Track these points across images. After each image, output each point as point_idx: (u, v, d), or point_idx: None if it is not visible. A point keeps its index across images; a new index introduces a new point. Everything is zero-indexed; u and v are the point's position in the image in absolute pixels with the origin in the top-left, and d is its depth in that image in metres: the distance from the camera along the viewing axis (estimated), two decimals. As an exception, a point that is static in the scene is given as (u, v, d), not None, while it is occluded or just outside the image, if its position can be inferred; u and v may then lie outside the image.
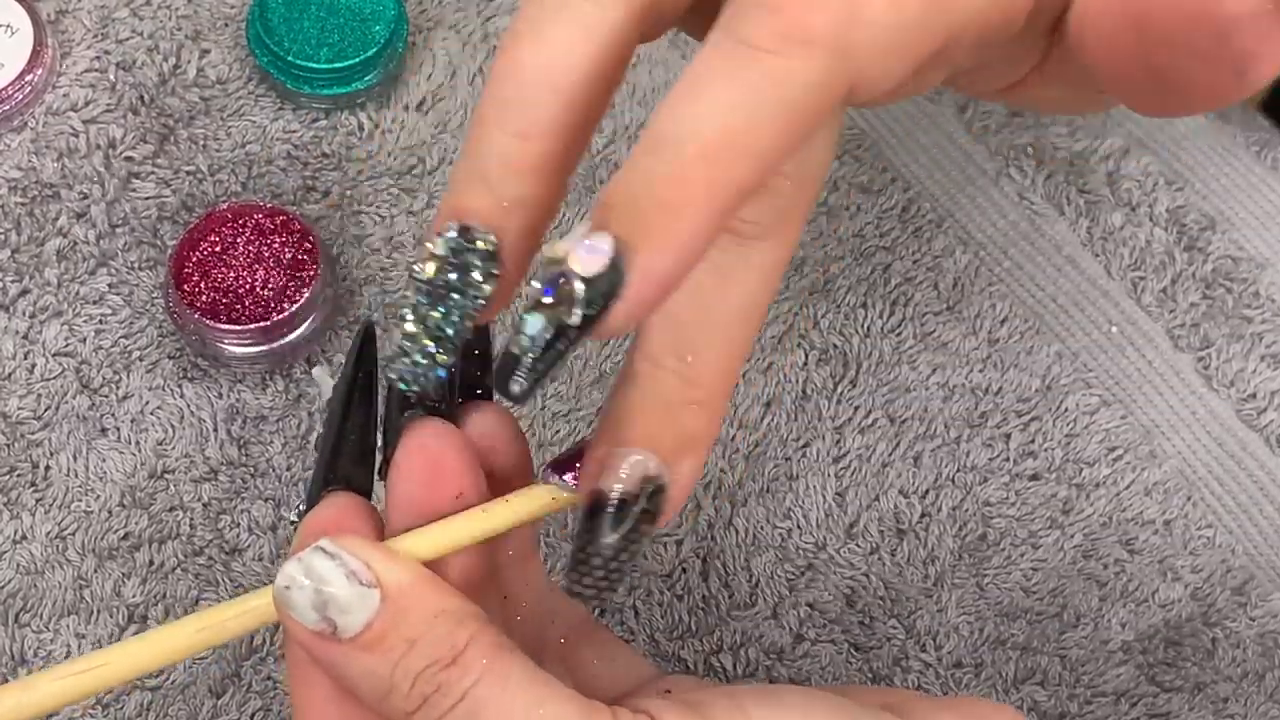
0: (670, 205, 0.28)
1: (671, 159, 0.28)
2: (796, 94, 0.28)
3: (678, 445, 0.34)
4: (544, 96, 0.31)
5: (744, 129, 0.28)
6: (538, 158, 0.31)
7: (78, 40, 0.58)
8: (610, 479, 0.33)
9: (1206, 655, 0.53)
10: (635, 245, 0.27)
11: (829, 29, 0.28)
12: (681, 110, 0.28)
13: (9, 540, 0.52)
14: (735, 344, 0.34)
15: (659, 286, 0.28)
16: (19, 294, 0.54)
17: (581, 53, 0.31)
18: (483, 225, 0.31)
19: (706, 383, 0.34)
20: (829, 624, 0.52)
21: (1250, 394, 0.55)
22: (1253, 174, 0.57)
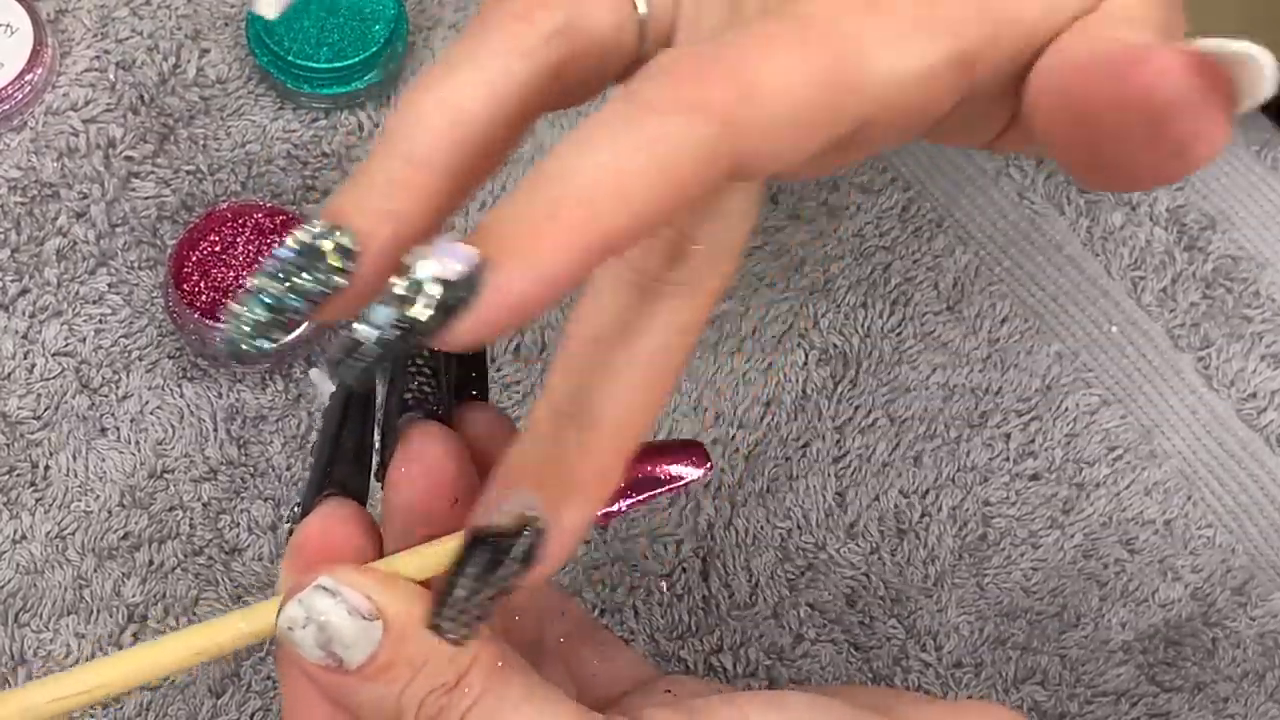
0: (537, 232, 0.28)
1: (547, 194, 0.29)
2: (676, 155, 0.29)
3: (562, 491, 0.34)
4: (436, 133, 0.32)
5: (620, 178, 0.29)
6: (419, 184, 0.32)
7: (77, 40, 0.58)
8: (489, 516, 0.33)
9: (1207, 655, 0.53)
10: (495, 262, 0.28)
11: (720, 100, 0.29)
12: (567, 153, 0.29)
13: (9, 540, 0.52)
14: (636, 399, 0.35)
15: (510, 306, 0.28)
16: (19, 293, 0.54)
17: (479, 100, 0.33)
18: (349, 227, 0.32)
19: (600, 431, 0.34)
20: (829, 624, 0.52)
21: (1250, 393, 0.55)
22: (1253, 174, 0.57)
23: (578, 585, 0.52)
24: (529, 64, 0.33)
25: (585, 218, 0.28)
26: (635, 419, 0.35)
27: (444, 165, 0.32)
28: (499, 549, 0.33)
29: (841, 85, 0.30)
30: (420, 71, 0.33)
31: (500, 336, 0.30)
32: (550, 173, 0.29)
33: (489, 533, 0.33)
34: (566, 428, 0.34)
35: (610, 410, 0.34)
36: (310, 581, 0.34)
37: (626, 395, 0.34)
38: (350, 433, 0.38)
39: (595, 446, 0.34)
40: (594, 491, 0.34)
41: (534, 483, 0.34)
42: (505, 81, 0.33)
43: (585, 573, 0.53)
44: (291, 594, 0.34)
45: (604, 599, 0.52)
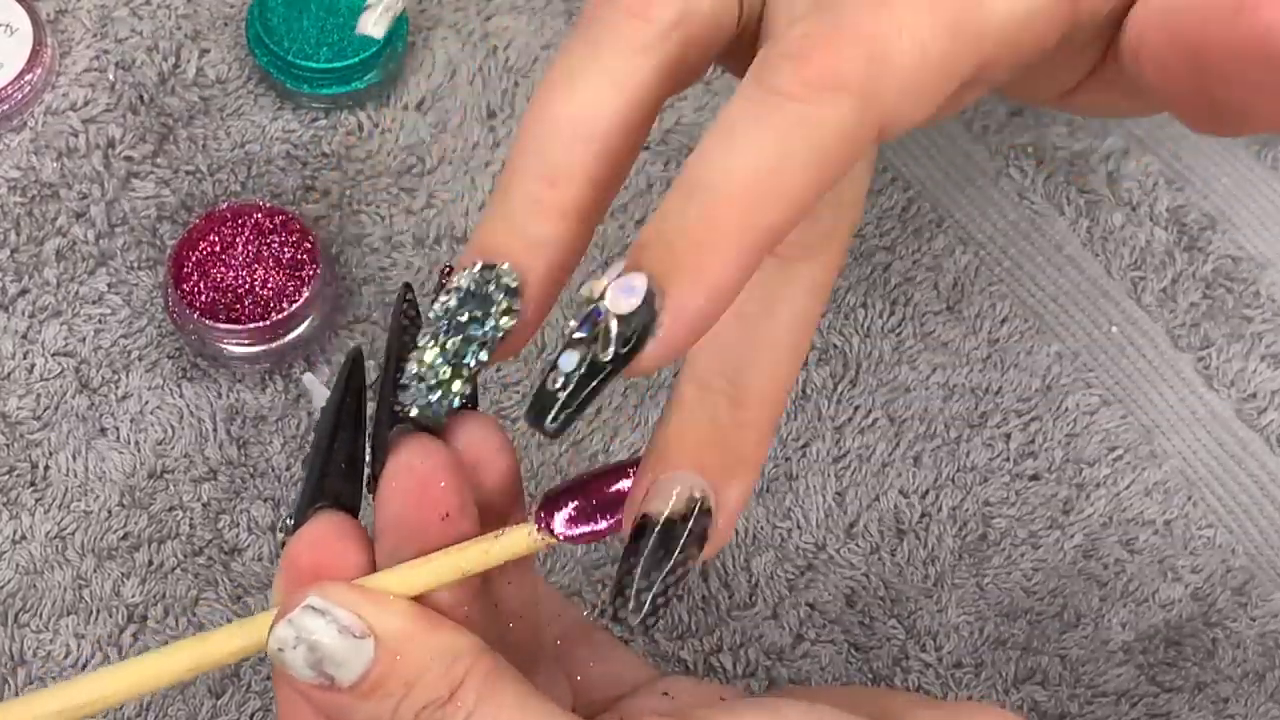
0: (703, 245, 0.28)
1: (704, 202, 0.28)
2: (826, 139, 0.29)
3: (725, 467, 0.34)
4: (573, 145, 0.32)
5: (774, 173, 0.28)
6: (565, 203, 0.32)
7: (77, 40, 0.58)
8: (656, 502, 0.33)
9: (1207, 655, 0.52)
10: (668, 284, 0.28)
11: (856, 75, 0.29)
12: (714, 156, 0.29)
13: (8, 540, 0.52)
14: (782, 364, 0.34)
15: (692, 325, 0.28)
16: (18, 294, 0.54)
17: (610, 105, 0.32)
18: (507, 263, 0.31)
19: (754, 403, 0.34)
20: (829, 624, 0.52)
21: (1251, 394, 0.55)
22: (1253, 174, 0.57)
23: (577, 585, 0.52)
24: (653, 60, 0.33)
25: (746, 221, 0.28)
26: (782, 387, 0.35)
27: (585, 179, 0.32)
28: (671, 534, 0.33)
29: (965, 32, 0.30)
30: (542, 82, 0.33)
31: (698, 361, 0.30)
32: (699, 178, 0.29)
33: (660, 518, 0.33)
34: (718, 404, 0.34)
35: (760, 382, 0.34)
36: (299, 601, 0.34)
37: (773, 365, 0.34)
38: (342, 444, 0.38)
39: (751, 419, 0.34)
40: (754, 464, 0.34)
41: (694, 463, 0.33)
42: (633, 82, 0.32)
43: (585, 573, 0.53)
44: (280, 615, 0.34)
45: (603, 599, 0.52)
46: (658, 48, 0.33)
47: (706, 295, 0.28)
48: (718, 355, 0.34)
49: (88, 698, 0.35)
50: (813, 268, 0.35)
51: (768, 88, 0.29)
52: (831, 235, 0.35)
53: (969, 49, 0.30)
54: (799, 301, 0.35)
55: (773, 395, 0.34)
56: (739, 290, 0.29)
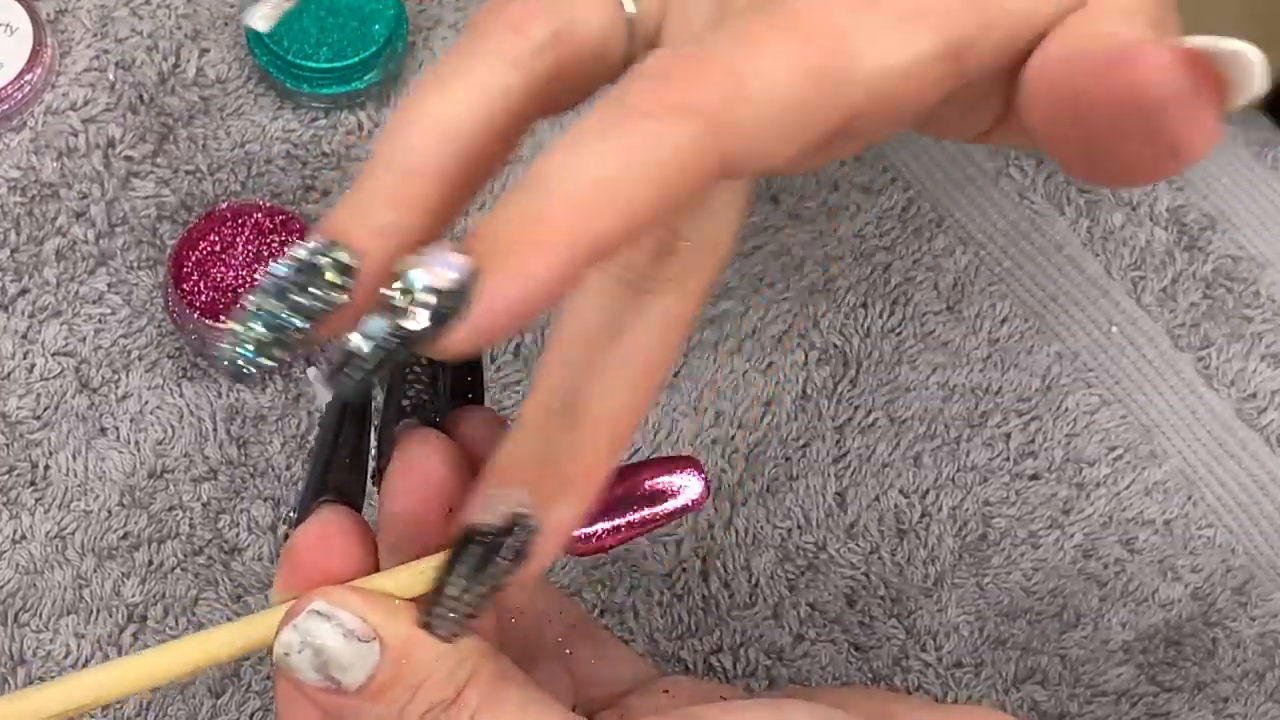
0: (527, 240, 0.29)
1: (537, 199, 0.29)
2: (665, 158, 0.29)
3: (554, 488, 0.34)
4: (431, 144, 0.33)
5: (610, 183, 0.29)
6: (415, 195, 0.33)
7: (77, 39, 0.58)
8: (479, 515, 0.33)
9: (1207, 655, 0.52)
10: (487, 270, 0.28)
11: (707, 102, 0.29)
12: (556, 158, 0.29)
13: (8, 540, 0.52)
14: (625, 395, 0.35)
15: (502, 313, 0.28)
16: (18, 293, 0.54)
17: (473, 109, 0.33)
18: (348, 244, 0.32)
19: (591, 429, 0.34)
20: (829, 624, 0.52)
21: (1250, 393, 0.55)
22: (1253, 174, 0.57)
23: (577, 585, 0.52)
24: (522, 73, 0.33)
25: (575, 222, 0.29)
26: (623, 416, 0.35)
27: (439, 176, 0.33)
28: (490, 547, 0.33)
29: (829, 80, 0.30)
30: (415, 83, 0.34)
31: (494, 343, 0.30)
32: (539, 178, 0.29)
33: (480, 531, 0.33)
34: (555, 425, 0.34)
35: (598, 408, 0.34)
36: (304, 606, 0.34)
37: (615, 393, 0.34)
38: (347, 438, 0.38)
39: (584, 444, 0.34)
40: (583, 489, 0.34)
41: (524, 480, 0.34)
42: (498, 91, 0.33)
43: (585, 572, 0.53)
44: (286, 619, 0.34)
45: (603, 599, 0.52)
46: (530, 62, 0.33)
47: (522, 287, 0.28)
48: (559, 378, 0.34)
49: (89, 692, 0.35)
50: (665, 302, 0.35)
51: (621, 102, 0.30)
52: (687, 273, 0.35)
53: (832, 98, 0.30)
54: (648, 334, 0.35)
55: (611, 423, 0.34)
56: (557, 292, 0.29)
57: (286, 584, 0.36)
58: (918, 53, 0.31)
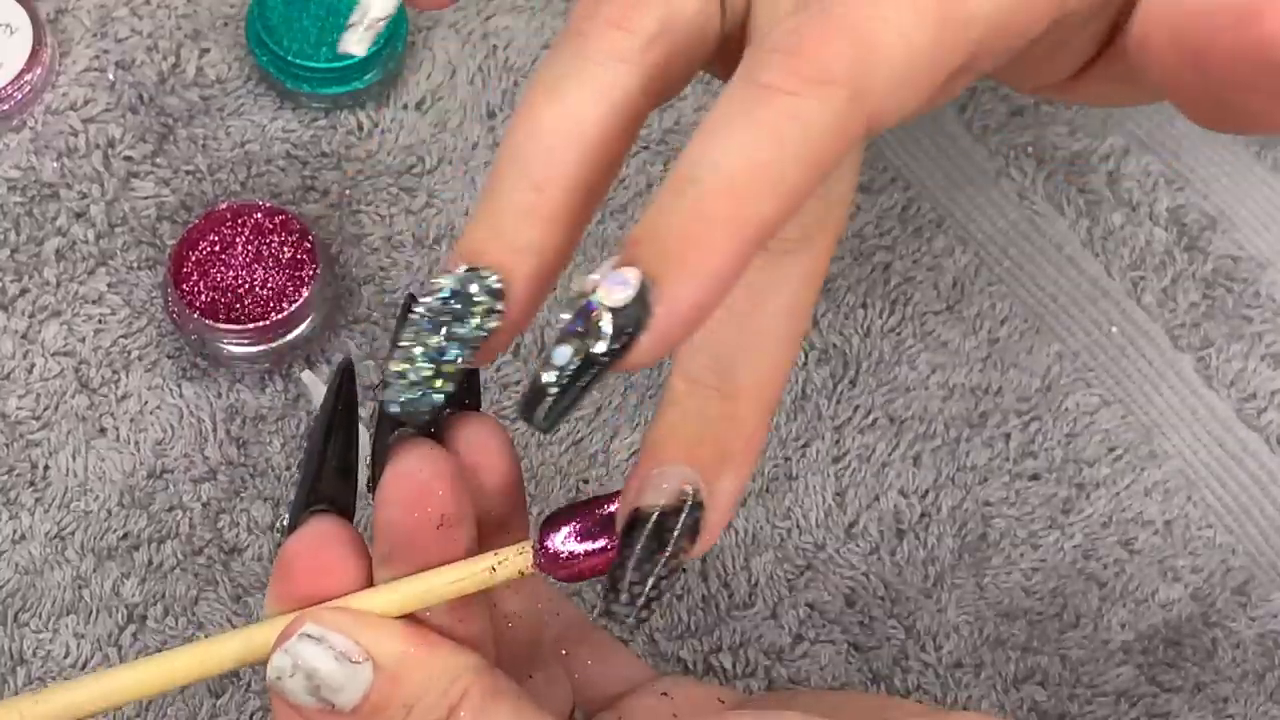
0: (694, 239, 0.28)
1: (695, 196, 0.29)
2: (815, 132, 0.29)
3: (716, 461, 0.34)
4: (558, 152, 0.32)
5: (765, 166, 0.29)
6: (550, 208, 0.32)
7: (77, 39, 0.58)
8: (647, 496, 0.33)
9: (1206, 655, 0.52)
10: (660, 278, 0.28)
11: (844, 68, 0.29)
12: (704, 151, 0.29)
13: (8, 540, 0.52)
14: (773, 358, 0.34)
15: (684, 318, 0.28)
16: (18, 293, 0.54)
17: (594, 112, 0.33)
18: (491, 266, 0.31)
19: (745, 397, 0.34)
20: (828, 624, 0.52)
21: (1250, 394, 0.55)
22: (1253, 174, 0.57)
23: (575, 586, 0.52)
24: (636, 70, 0.33)
25: (737, 214, 0.28)
26: (775, 379, 0.35)
27: (571, 185, 0.32)
28: (664, 527, 0.33)
29: (951, 21, 0.30)
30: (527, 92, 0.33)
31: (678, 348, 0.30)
32: (690, 173, 0.29)
33: (650, 512, 0.33)
34: (709, 397, 0.34)
35: (751, 375, 0.34)
36: (296, 629, 0.34)
37: (764, 358, 0.34)
38: (336, 447, 0.38)
39: (742, 412, 0.34)
40: (747, 457, 0.34)
41: (686, 456, 0.33)
42: (615, 92, 0.33)
43: (584, 573, 0.53)
44: (278, 643, 0.34)
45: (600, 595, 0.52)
46: (639, 58, 0.33)
47: (699, 288, 0.28)
48: (707, 350, 0.34)
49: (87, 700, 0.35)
50: (801, 261, 0.35)
51: (756, 82, 0.29)
52: (820, 228, 0.35)
53: (956, 38, 0.30)
54: (788, 295, 0.35)
55: (764, 389, 0.34)
56: (732, 284, 0.29)
57: (279, 595, 0.36)
58: None
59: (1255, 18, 0.30)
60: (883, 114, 0.30)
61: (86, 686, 0.36)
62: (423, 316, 0.32)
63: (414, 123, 0.57)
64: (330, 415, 0.38)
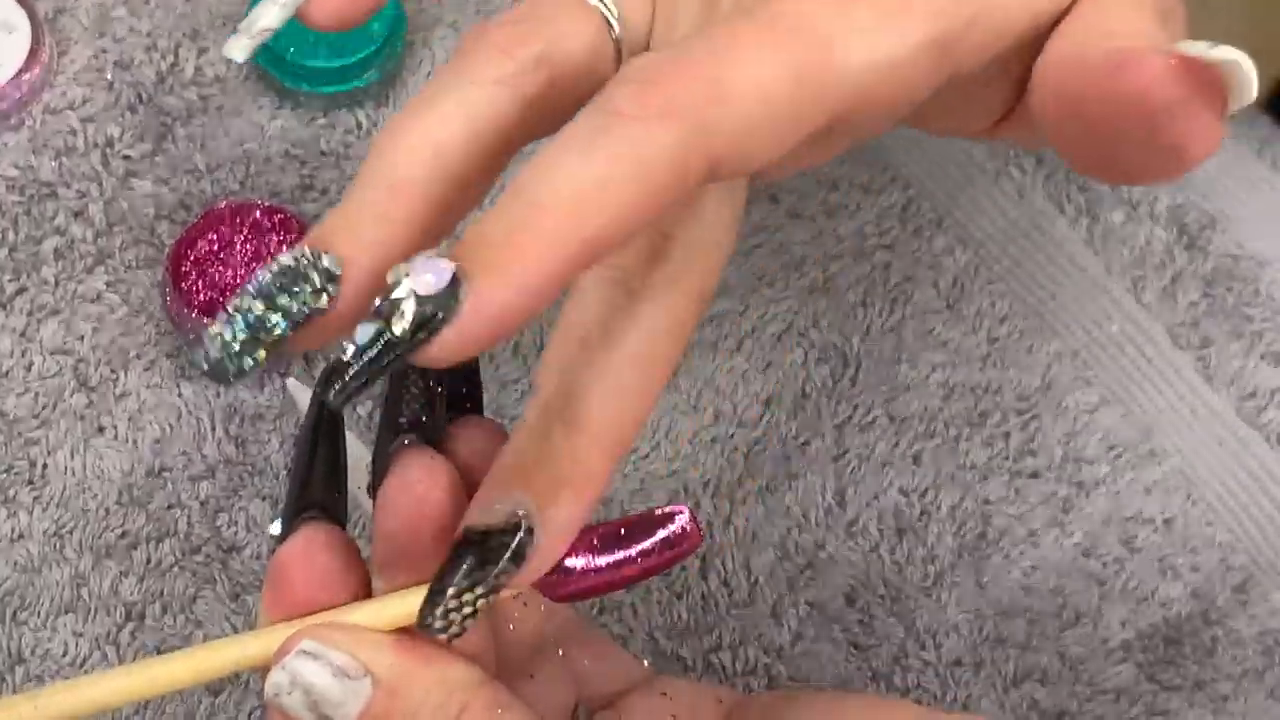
0: (515, 245, 0.29)
1: (524, 206, 0.29)
2: (650, 160, 0.29)
3: (552, 489, 0.34)
4: (420, 160, 0.33)
5: (597, 187, 0.29)
6: (404, 212, 0.33)
7: (75, 38, 0.58)
8: (477, 516, 0.33)
9: (1206, 653, 0.52)
10: (474, 275, 0.28)
11: (690, 105, 0.30)
12: (543, 166, 0.30)
13: (6, 538, 0.52)
14: (622, 403, 0.34)
15: (491, 318, 0.29)
16: (16, 292, 0.54)
17: (460, 128, 0.34)
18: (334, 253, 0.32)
19: (589, 434, 0.34)
20: (828, 622, 0.52)
21: (1250, 392, 0.55)
22: (1253, 173, 0.57)
23: (576, 584, 0.52)
24: (509, 94, 0.34)
25: (561, 226, 0.29)
26: (623, 420, 0.35)
27: (425, 194, 0.33)
28: (489, 548, 0.33)
29: (813, 79, 0.30)
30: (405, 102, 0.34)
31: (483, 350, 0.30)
32: (525, 183, 0.29)
33: (478, 531, 0.33)
34: (555, 427, 0.34)
35: (597, 411, 0.34)
36: (293, 646, 0.34)
37: (613, 396, 0.34)
38: (323, 454, 0.38)
39: (582, 447, 0.34)
40: (582, 491, 0.34)
41: (523, 483, 0.34)
42: (486, 112, 0.34)
43: (584, 571, 0.52)
44: (275, 659, 0.34)
45: (602, 598, 0.52)
46: (517, 83, 0.34)
47: (509, 291, 0.28)
48: (560, 380, 0.34)
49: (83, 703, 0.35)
50: (663, 305, 0.35)
51: (604, 108, 0.30)
52: (681, 274, 0.35)
53: (816, 96, 0.31)
54: (645, 337, 0.35)
55: (609, 430, 0.34)
56: (546, 298, 0.29)
57: (272, 605, 0.36)
58: (903, 48, 0.31)
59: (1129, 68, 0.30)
60: (727, 157, 0.30)
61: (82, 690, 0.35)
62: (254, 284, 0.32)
63: (413, 121, 0.57)
64: (315, 423, 0.38)
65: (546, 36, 0.34)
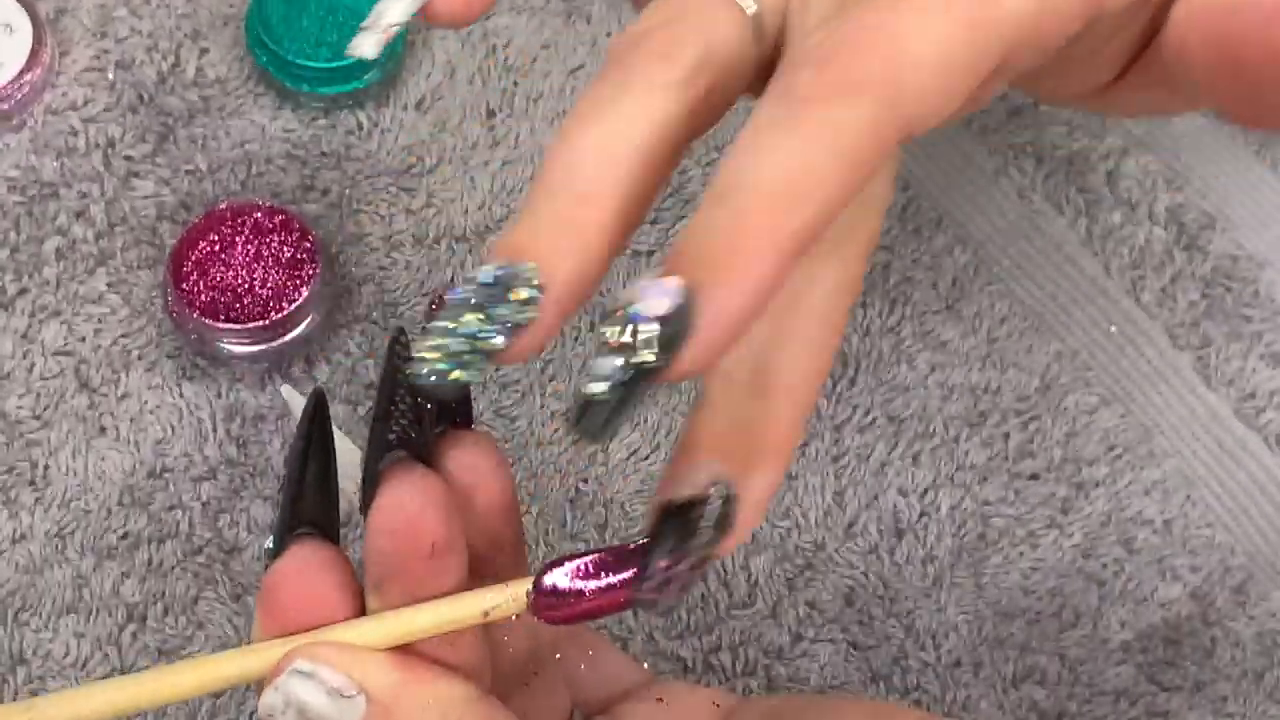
0: (736, 249, 0.29)
1: (735, 208, 0.29)
2: (850, 141, 0.29)
3: (748, 457, 0.34)
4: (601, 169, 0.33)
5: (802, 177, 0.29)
6: (593, 221, 0.33)
7: (77, 39, 0.58)
8: (678, 489, 0.33)
9: (1205, 654, 0.53)
10: (703, 287, 0.28)
11: (874, 76, 0.29)
12: (742, 163, 0.29)
13: (8, 539, 0.52)
14: (807, 361, 0.35)
15: (728, 327, 0.29)
16: (18, 293, 0.54)
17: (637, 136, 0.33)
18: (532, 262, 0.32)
19: (778, 398, 0.34)
20: (828, 623, 0.52)
21: (1249, 393, 0.55)
22: (1252, 173, 0.57)
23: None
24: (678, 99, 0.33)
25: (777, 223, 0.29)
26: (809, 381, 0.35)
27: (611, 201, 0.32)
28: (692, 518, 0.33)
29: (983, 24, 0.30)
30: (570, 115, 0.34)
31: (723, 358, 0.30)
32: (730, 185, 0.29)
33: (680, 504, 0.33)
34: (743, 396, 0.34)
35: (785, 376, 0.34)
36: (286, 665, 0.34)
37: (798, 359, 0.35)
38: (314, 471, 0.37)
39: (775, 412, 0.34)
40: (779, 456, 0.34)
41: (719, 453, 0.34)
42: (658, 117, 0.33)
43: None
44: (268, 679, 0.34)
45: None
46: (681, 87, 0.33)
47: (742, 297, 0.29)
48: (742, 350, 0.34)
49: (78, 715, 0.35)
50: (835, 262, 0.35)
51: (789, 95, 0.30)
52: (855, 229, 0.35)
53: (988, 41, 0.30)
54: (821, 298, 0.35)
55: (797, 390, 0.35)
56: (774, 292, 0.29)
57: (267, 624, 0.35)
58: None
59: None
60: (917, 119, 0.30)
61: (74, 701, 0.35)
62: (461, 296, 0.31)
63: (414, 122, 0.57)
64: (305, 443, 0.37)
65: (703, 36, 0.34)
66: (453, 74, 0.58)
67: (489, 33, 0.59)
